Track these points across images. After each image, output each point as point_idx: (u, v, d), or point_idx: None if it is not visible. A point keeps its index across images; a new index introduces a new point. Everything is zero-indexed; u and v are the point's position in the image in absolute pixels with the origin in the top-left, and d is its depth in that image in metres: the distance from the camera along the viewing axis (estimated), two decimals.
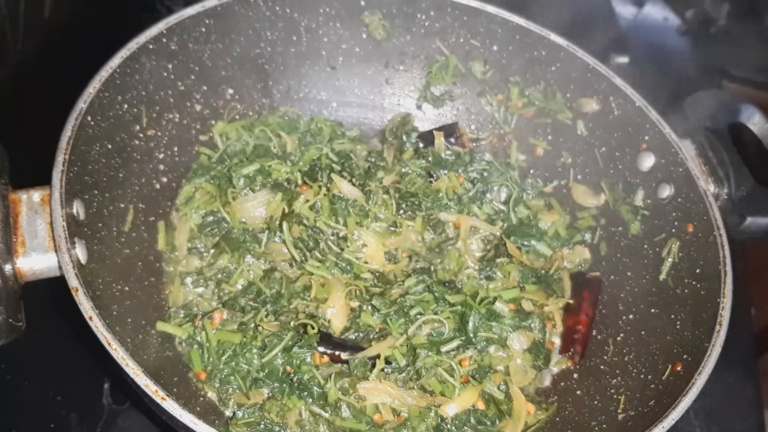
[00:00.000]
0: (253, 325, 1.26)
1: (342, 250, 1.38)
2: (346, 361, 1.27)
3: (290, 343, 1.23)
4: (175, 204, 1.44)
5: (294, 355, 1.23)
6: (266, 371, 1.22)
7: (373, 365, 1.26)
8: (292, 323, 1.28)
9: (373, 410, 1.23)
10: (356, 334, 1.33)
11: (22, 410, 1.31)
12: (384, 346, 1.28)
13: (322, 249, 1.38)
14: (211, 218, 1.42)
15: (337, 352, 1.27)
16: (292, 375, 1.23)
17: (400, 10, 1.57)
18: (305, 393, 1.21)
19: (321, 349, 1.25)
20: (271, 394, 1.23)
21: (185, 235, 1.40)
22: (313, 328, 1.27)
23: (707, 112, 1.48)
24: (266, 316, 1.29)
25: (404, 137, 1.63)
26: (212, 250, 1.39)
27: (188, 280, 1.35)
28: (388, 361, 1.27)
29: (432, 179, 1.54)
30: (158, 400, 0.93)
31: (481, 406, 1.26)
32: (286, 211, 1.40)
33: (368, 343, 1.30)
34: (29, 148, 1.20)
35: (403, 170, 1.54)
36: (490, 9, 1.53)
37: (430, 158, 1.56)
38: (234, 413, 1.20)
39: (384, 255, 1.43)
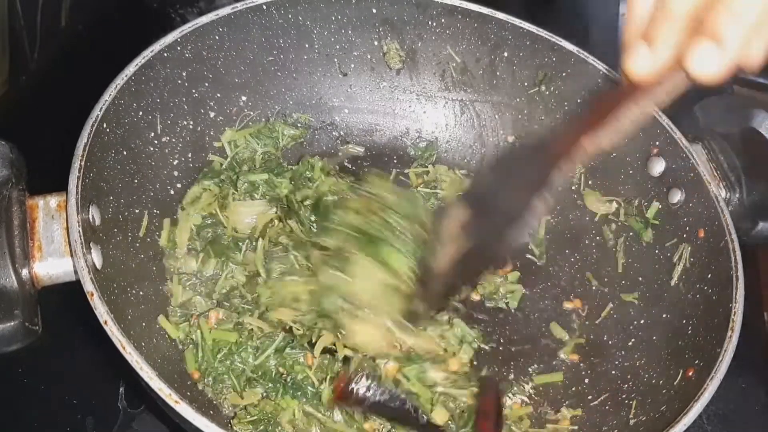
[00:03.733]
0: (248, 325, 1.27)
1: None
2: None
3: (282, 343, 1.24)
4: (181, 203, 1.45)
5: (286, 356, 1.24)
6: (260, 372, 1.23)
7: None
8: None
9: (363, 417, 1.22)
10: None
11: (38, 414, 1.33)
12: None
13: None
14: (210, 221, 1.43)
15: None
16: (285, 376, 1.23)
17: (412, 17, 1.59)
18: (299, 393, 1.22)
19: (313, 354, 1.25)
20: (265, 394, 1.23)
21: (186, 234, 1.40)
22: (299, 329, 1.27)
23: (718, 117, 1.49)
24: (258, 316, 1.29)
25: None
26: (201, 254, 1.40)
27: (185, 279, 1.36)
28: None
29: None
30: (171, 403, 0.93)
31: None
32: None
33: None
34: (46, 155, 1.22)
35: None
36: (501, 16, 1.54)
37: None
38: (236, 414, 1.21)
39: None
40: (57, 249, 1.07)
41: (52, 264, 1.07)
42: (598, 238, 1.55)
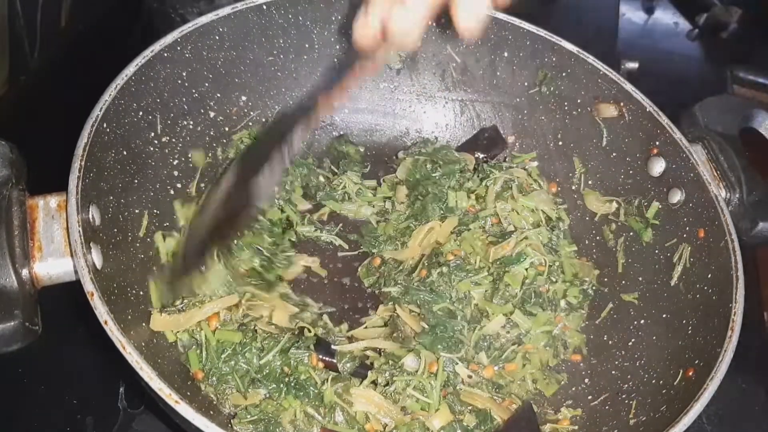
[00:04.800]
0: (253, 326, 1.27)
1: None
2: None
3: (287, 345, 1.24)
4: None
5: (291, 356, 1.24)
6: (264, 372, 1.23)
7: (365, 377, 1.27)
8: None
9: (364, 418, 1.22)
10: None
11: (38, 414, 1.33)
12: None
13: None
14: None
15: (333, 360, 1.28)
16: (289, 376, 1.23)
17: None
18: (302, 393, 1.22)
19: (317, 355, 1.26)
20: (268, 395, 1.23)
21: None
22: (309, 331, 1.28)
23: (718, 117, 1.48)
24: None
25: None
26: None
27: None
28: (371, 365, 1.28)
29: None
30: (171, 403, 0.94)
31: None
32: None
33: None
34: (46, 155, 1.22)
35: None
36: (501, 16, 1.54)
37: None
38: (236, 413, 1.21)
39: None
40: (57, 249, 1.07)
41: (52, 264, 1.07)
42: (598, 238, 1.55)
